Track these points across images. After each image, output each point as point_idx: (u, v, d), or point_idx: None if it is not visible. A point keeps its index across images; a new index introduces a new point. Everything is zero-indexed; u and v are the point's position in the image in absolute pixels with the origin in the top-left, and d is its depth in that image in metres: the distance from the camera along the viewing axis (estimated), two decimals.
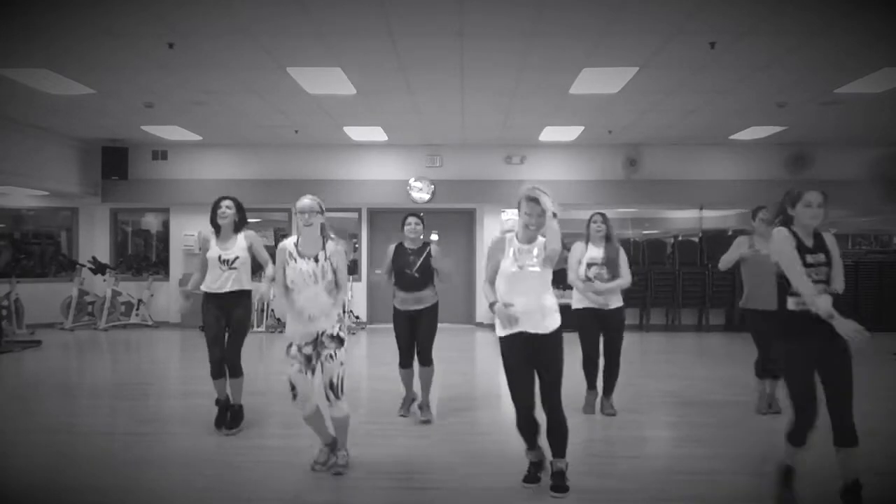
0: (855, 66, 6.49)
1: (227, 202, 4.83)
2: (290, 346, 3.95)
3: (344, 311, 10.69)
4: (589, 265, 5.29)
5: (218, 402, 4.96)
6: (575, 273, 5.35)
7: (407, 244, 5.19)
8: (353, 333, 10.70)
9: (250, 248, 4.86)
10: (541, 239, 3.67)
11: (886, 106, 8.03)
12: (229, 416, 4.89)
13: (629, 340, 6.26)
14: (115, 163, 11.12)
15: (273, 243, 10.39)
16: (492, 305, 3.71)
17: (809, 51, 6.03)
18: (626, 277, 5.32)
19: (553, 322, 3.69)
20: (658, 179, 11.06)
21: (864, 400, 5.84)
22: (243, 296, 4.85)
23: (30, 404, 5.87)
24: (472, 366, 7.80)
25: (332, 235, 4.06)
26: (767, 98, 7.79)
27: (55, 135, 10.22)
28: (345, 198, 11.15)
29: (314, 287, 3.89)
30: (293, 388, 3.91)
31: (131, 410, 5.62)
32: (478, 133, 10.13)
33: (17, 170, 9.57)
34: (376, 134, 10.12)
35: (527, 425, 3.77)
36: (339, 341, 3.93)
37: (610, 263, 5.26)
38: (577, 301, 5.42)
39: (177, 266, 11.61)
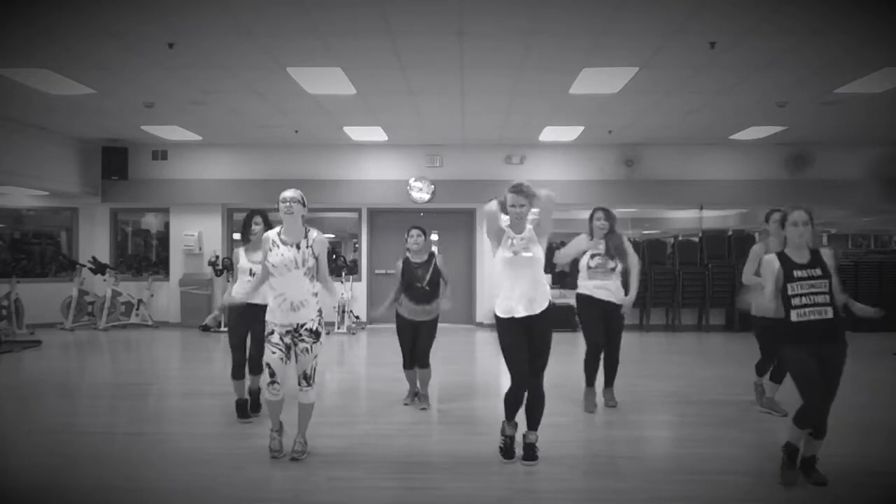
0: (855, 66, 6.49)
1: (257, 218, 5.12)
2: (272, 332, 4.19)
3: (344, 311, 10.77)
4: (592, 255, 5.44)
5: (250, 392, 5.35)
6: (571, 255, 5.50)
7: (413, 258, 5.48)
8: (353, 333, 10.70)
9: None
10: (529, 226, 4.13)
11: (886, 106, 8.03)
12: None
13: (629, 340, 6.30)
14: (115, 163, 11.12)
15: None
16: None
17: (809, 51, 6.04)
18: (634, 264, 5.47)
19: (544, 303, 4.13)
20: (658, 179, 11.05)
21: (864, 399, 5.89)
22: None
23: (30, 404, 5.87)
24: (472, 366, 7.80)
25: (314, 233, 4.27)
26: (767, 98, 7.79)
27: (55, 135, 10.21)
28: (345, 198, 11.15)
29: (295, 272, 4.12)
30: (272, 372, 4.18)
31: (131, 410, 5.62)
32: (478, 133, 10.13)
33: (17, 170, 9.57)
34: (376, 134, 10.12)
35: (516, 398, 4.17)
36: (317, 336, 4.21)
37: (611, 252, 5.39)
38: (582, 287, 5.52)
39: (177, 266, 11.58)
